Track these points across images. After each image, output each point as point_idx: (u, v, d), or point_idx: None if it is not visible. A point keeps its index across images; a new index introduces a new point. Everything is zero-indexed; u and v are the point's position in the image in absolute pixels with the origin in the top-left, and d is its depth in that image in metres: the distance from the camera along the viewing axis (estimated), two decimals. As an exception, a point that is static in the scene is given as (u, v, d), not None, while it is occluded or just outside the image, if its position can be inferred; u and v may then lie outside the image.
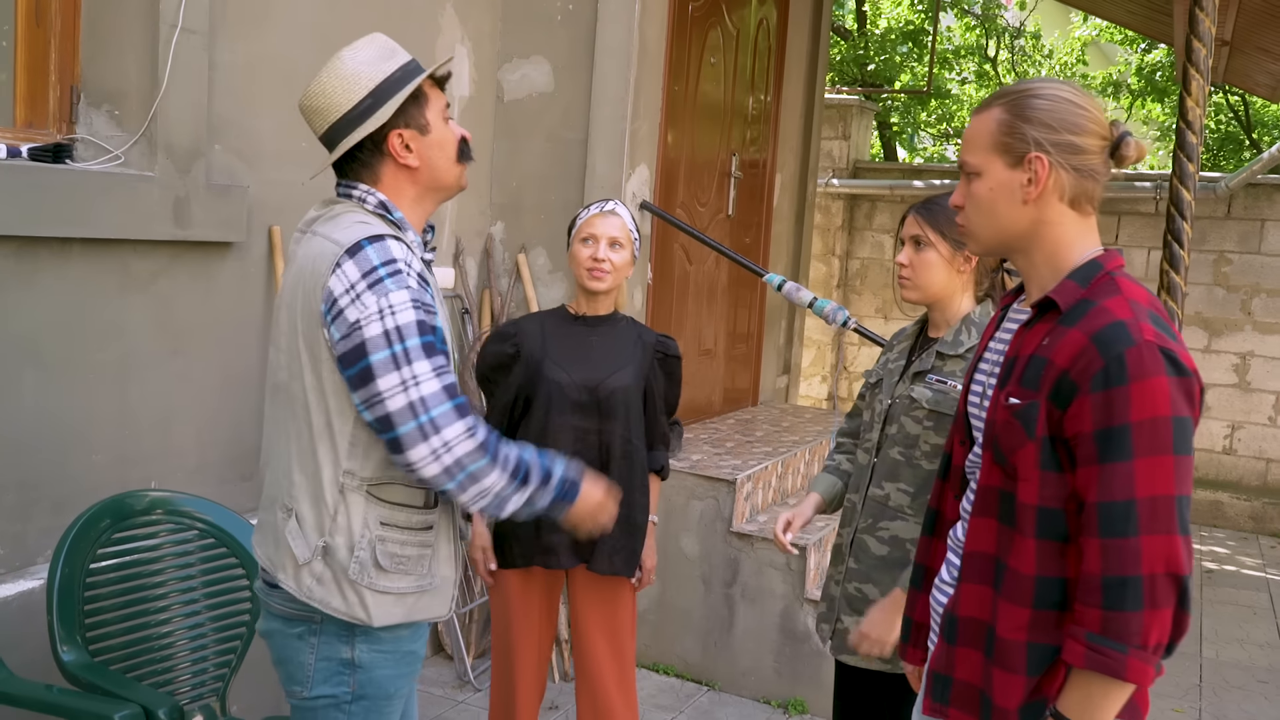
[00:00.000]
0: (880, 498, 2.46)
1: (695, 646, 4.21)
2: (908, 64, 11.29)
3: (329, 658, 1.91)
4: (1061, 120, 1.62)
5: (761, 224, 5.75)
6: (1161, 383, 1.50)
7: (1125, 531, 1.49)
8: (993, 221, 1.68)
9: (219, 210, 3.13)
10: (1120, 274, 1.64)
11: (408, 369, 1.76)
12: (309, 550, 1.86)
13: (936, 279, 2.40)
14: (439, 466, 1.77)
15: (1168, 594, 1.49)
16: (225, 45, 3.15)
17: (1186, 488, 1.52)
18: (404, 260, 1.82)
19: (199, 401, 3.19)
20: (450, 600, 2.02)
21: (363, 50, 1.93)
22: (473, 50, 4.24)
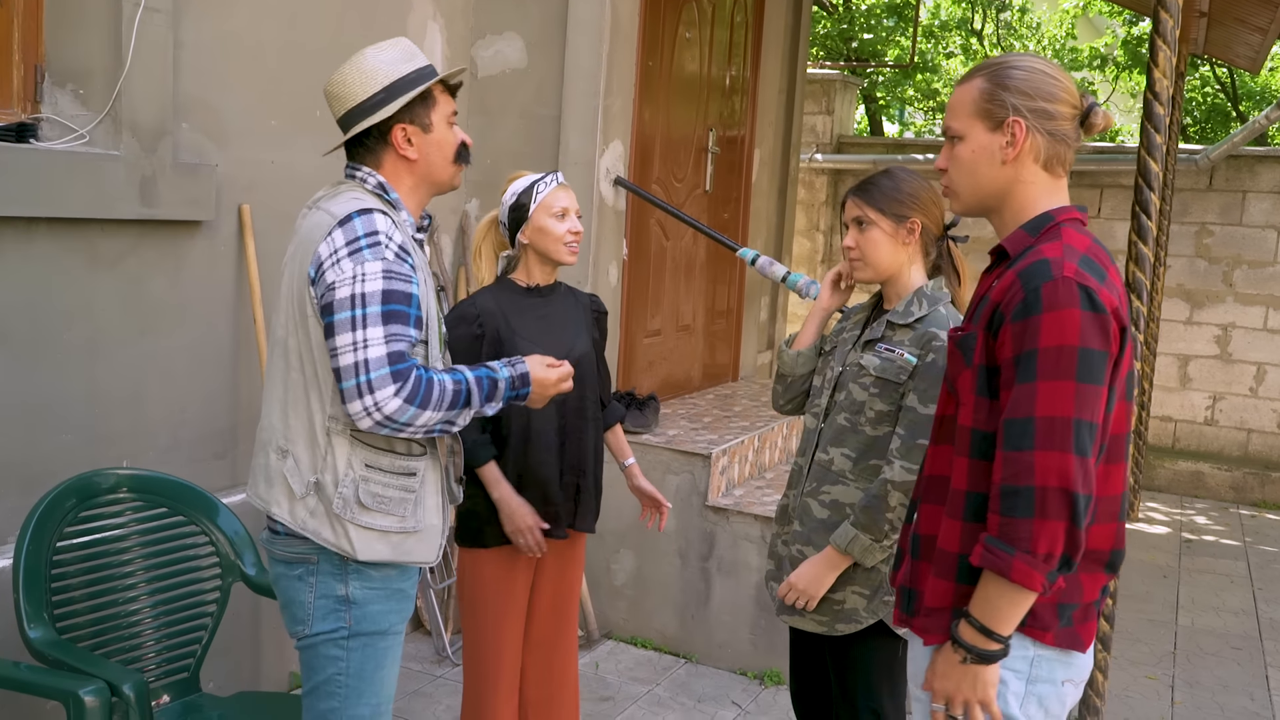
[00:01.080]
0: (825, 462, 2.52)
1: (672, 619, 4.24)
2: (894, 38, 11.26)
3: (326, 595, 2.11)
4: (1037, 89, 1.80)
5: (740, 199, 5.75)
6: (1072, 314, 1.64)
7: (1021, 445, 1.65)
8: (973, 181, 1.85)
9: (187, 189, 3.13)
10: (1069, 225, 1.80)
11: (360, 332, 1.97)
12: (303, 486, 2.07)
13: (884, 255, 2.48)
14: (370, 421, 1.98)
15: (1059, 507, 1.62)
16: (191, 23, 3.14)
17: (1088, 413, 1.64)
18: (385, 233, 2.03)
19: (170, 380, 3.20)
20: (437, 549, 2.21)
21: (386, 51, 2.15)
22: (445, 27, 4.23)
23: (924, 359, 2.39)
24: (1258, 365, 7.63)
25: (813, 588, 2.48)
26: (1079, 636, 1.81)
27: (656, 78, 4.74)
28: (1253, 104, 12.25)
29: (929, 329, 2.41)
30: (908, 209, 2.47)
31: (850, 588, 2.47)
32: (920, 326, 2.43)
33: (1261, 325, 7.58)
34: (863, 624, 2.47)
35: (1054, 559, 1.65)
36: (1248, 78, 12.03)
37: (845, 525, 2.45)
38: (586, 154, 4.18)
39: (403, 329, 2.01)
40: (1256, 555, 6.24)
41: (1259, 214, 7.53)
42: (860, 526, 2.42)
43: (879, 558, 2.44)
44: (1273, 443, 7.64)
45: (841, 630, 2.49)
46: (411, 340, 2.04)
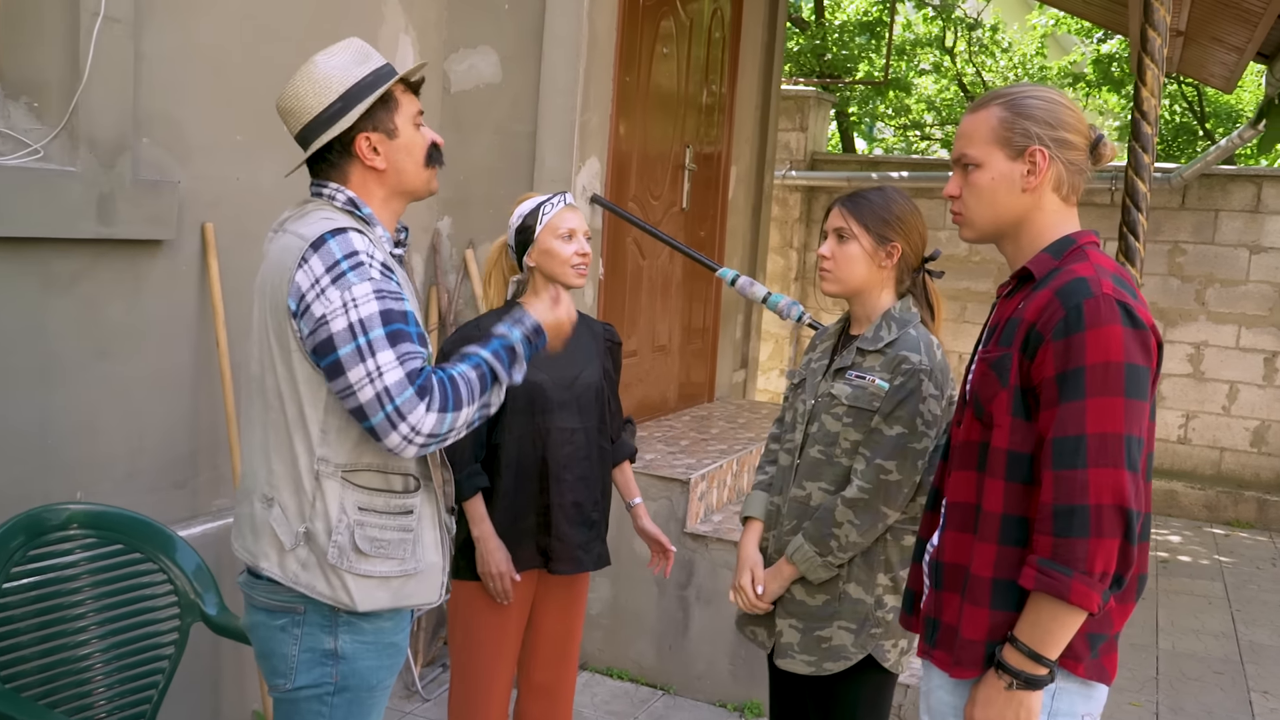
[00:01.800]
0: (802, 498, 2.45)
1: (649, 650, 4.13)
2: (865, 55, 11.25)
3: (312, 648, 1.95)
4: (1058, 118, 1.82)
5: (716, 217, 5.67)
6: (1115, 330, 1.64)
7: (1074, 463, 1.63)
8: (992, 209, 1.85)
9: (147, 207, 3.00)
10: (1090, 247, 1.81)
11: (372, 360, 1.81)
12: (292, 537, 1.92)
13: (857, 272, 2.41)
14: (415, 448, 1.85)
15: (1114, 524, 1.62)
16: (152, 34, 3.01)
17: (1137, 429, 1.65)
18: (366, 251, 1.88)
19: (128, 407, 3.06)
20: (440, 587, 2.07)
21: (337, 55, 2.01)
22: (417, 40, 4.12)
23: (893, 382, 2.33)
24: (1230, 384, 7.64)
25: (766, 597, 2.46)
26: (1105, 668, 1.79)
27: (633, 94, 4.65)
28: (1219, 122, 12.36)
29: (899, 352, 2.35)
30: (892, 231, 2.40)
31: (837, 622, 2.39)
32: (891, 350, 2.36)
33: (1234, 344, 7.59)
34: (852, 660, 2.38)
35: (1108, 578, 1.64)
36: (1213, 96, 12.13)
37: (797, 536, 2.40)
38: (563, 171, 4.08)
39: (411, 347, 1.87)
40: (1232, 575, 6.21)
41: (1231, 233, 7.55)
42: (807, 538, 2.37)
43: (824, 575, 2.37)
44: (1245, 461, 7.65)
45: (830, 669, 2.40)
46: (423, 356, 1.90)
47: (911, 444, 2.32)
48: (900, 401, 2.31)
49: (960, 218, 1.90)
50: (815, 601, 2.41)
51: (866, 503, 2.32)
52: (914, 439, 2.31)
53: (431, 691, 3.88)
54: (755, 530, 2.58)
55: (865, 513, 2.32)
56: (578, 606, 2.86)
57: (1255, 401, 7.59)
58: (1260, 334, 7.52)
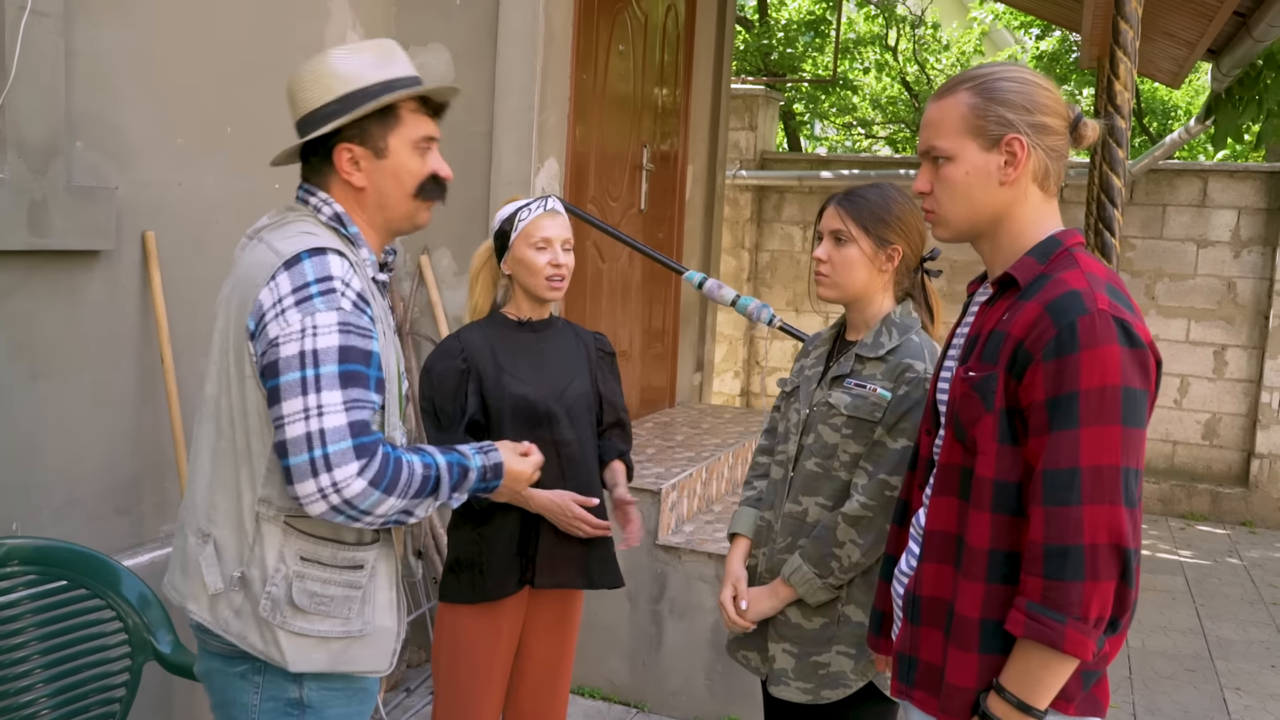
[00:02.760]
0: (798, 514, 2.30)
1: (622, 667, 3.99)
2: (810, 53, 11.22)
3: (275, 697, 1.77)
4: (1034, 101, 1.64)
5: (675, 218, 5.55)
6: (1113, 351, 1.49)
7: (1068, 500, 1.49)
8: (967, 205, 1.68)
9: (82, 215, 2.79)
10: (1079, 250, 1.64)
11: (314, 396, 1.62)
12: (223, 580, 1.73)
13: (857, 278, 2.26)
14: (325, 505, 1.63)
15: (1110, 566, 1.48)
16: (85, 30, 2.81)
17: (1135, 460, 1.51)
18: (342, 278, 1.70)
19: (65, 429, 2.85)
20: (390, 655, 1.86)
21: (357, 54, 1.81)
22: (364, 37, 3.94)
23: (897, 392, 2.19)
24: (1180, 378, 7.69)
25: (750, 611, 2.32)
26: (1098, 700, 1.64)
27: (590, 92, 4.51)
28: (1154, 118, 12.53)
29: (902, 359, 2.21)
30: (893, 233, 2.25)
31: (835, 647, 2.25)
32: (893, 358, 2.22)
33: (1184, 337, 7.64)
34: (852, 688, 2.24)
35: (1104, 623, 1.50)
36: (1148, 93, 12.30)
37: (794, 555, 2.26)
38: (521, 173, 3.93)
39: (364, 394, 1.67)
40: (1193, 570, 6.23)
41: (1179, 227, 7.61)
42: (805, 558, 2.23)
43: (823, 598, 2.23)
44: (1197, 454, 7.70)
45: (828, 697, 2.25)
46: (374, 407, 1.70)
47: None
48: (905, 413, 2.18)
49: (933, 215, 1.72)
50: (812, 625, 2.27)
51: (870, 520, 2.18)
52: None
53: (396, 718, 3.71)
54: (742, 548, 2.45)
55: (868, 531, 2.18)
56: (569, 631, 2.72)
57: (1206, 394, 7.65)
58: (1209, 327, 7.58)
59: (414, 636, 4.05)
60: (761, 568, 2.37)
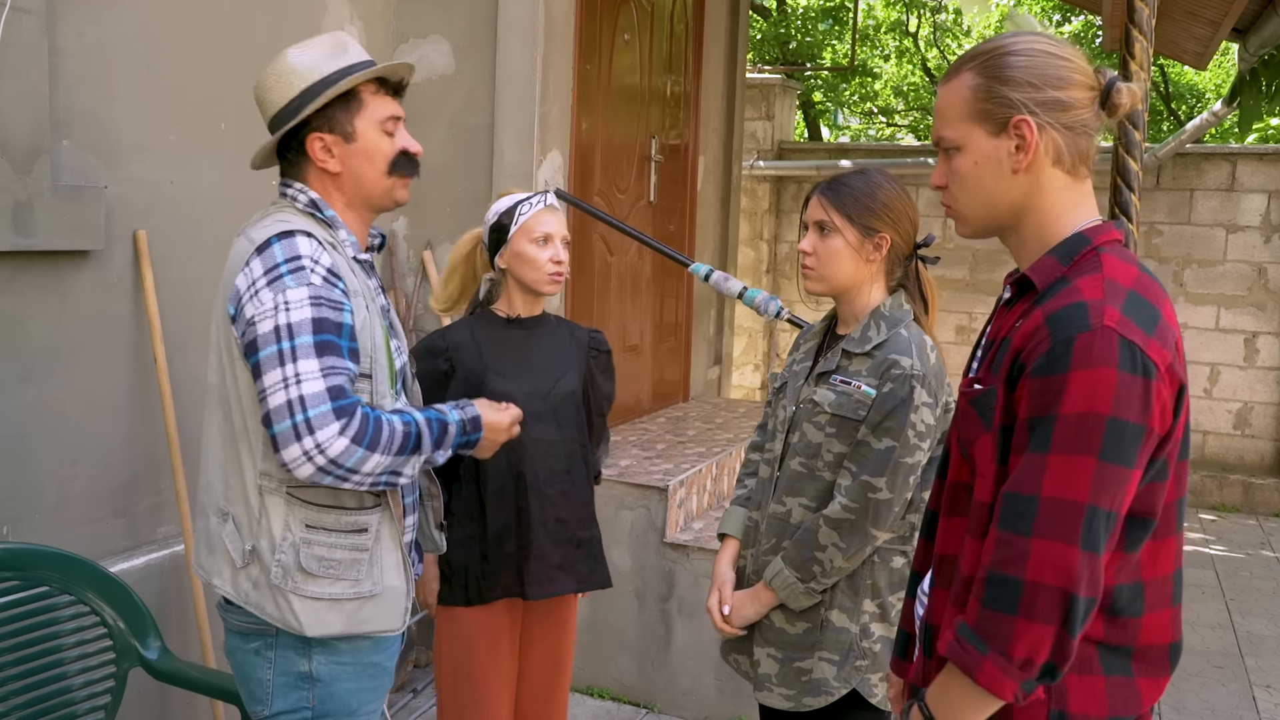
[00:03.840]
0: (782, 514, 2.23)
1: (631, 667, 3.92)
2: (829, 41, 11.09)
3: (286, 672, 1.87)
4: (1043, 75, 1.44)
5: (685, 210, 5.47)
6: (1107, 375, 1.31)
7: (1018, 527, 1.34)
8: (981, 198, 1.50)
9: (70, 215, 2.75)
10: (1109, 249, 1.45)
11: (291, 366, 1.71)
12: (241, 554, 1.84)
13: (843, 269, 2.17)
14: (311, 467, 1.71)
15: (1050, 609, 1.31)
16: (70, 27, 2.76)
17: (1110, 500, 1.32)
18: (310, 256, 1.79)
19: (57, 432, 2.81)
20: (402, 614, 1.94)
21: (311, 49, 1.90)
22: (364, 31, 3.88)
23: (881, 389, 2.10)
24: (1210, 366, 7.53)
25: (734, 616, 2.26)
26: None
27: (595, 83, 4.43)
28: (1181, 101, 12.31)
29: (888, 355, 2.11)
30: (879, 221, 2.16)
31: (818, 653, 2.17)
32: (879, 354, 2.13)
33: (1213, 325, 7.48)
34: (834, 695, 2.16)
35: (1034, 667, 1.34)
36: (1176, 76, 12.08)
37: (776, 559, 2.18)
38: (523, 165, 3.86)
39: (339, 361, 1.76)
40: (1224, 563, 6.08)
41: (1207, 212, 7.44)
42: (787, 561, 2.16)
43: (805, 603, 2.16)
44: (1229, 444, 7.54)
45: (809, 705, 2.18)
46: (351, 374, 1.78)
47: (903, 458, 2.08)
48: (890, 411, 2.08)
49: (951, 211, 1.56)
50: (795, 629, 2.20)
51: (852, 523, 2.10)
52: (905, 453, 2.08)
53: (402, 719, 3.66)
54: (730, 549, 2.38)
55: (851, 534, 2.10)
56: (565, 632, 2.66)
57: (1237, 383, 7.48)
58: (1240, 314, 7.41)
59: (420, 637, 4.00)
60: (749, 569, 2.30)
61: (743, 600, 2.26)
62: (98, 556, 2.85)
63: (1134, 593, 1.40)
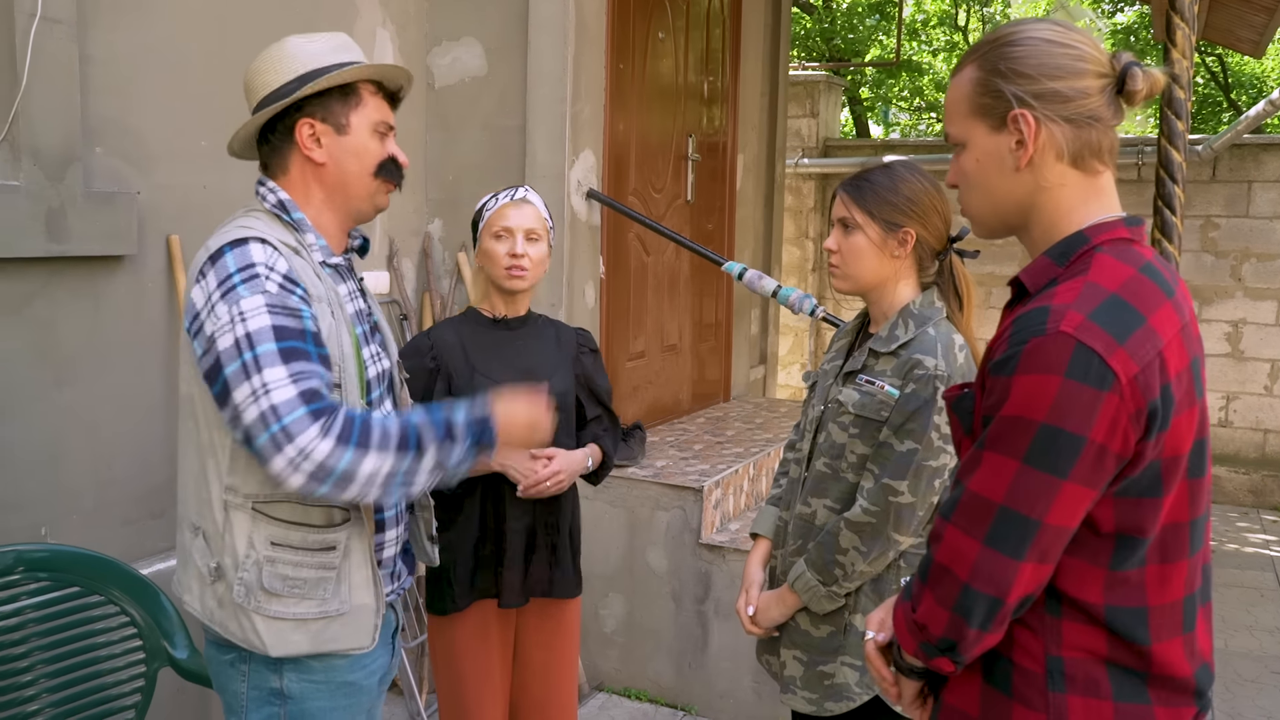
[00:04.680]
0: (807, 516, 2.19)
1: (668, 668, 3.89)
2: (875, 37, 10.97)
3: (259, 686, 1.81)
4: (1042, 66, 1.36)
5: (724, 209, 5.43)
6: (1048, 382, 1.24)
7: (945, 512, 1.36)
8: (988, 197, 1.44)
9: (102, 221, 2.79)
10: (1107, 248, 1.35)
11: (258, 377, 1.63)
12: (209, 570, 1.78)
13: (867, 266, 2.12)
14: (302, 476, 1.61)
15: (946, 592, 1.34)
16: (99, 35, 2.80)
17: (1026, 506, 1.27)
18: (265, 263, 1.71)
19: (92, 435, 2.85)
20: (371, 630, 1.84)
21: (315, 41, 1.87)
22: (397, 34, 3.90)
23: (904, 390, 2.04)
24: (1271, 362, 7.32)
25: (760, 617, 2.24)
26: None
27: (629, 82, 4.41)
28: (1242, 91, 12.00)
29: (913, 355, 2.05)
30: (902, 216, 2.09)
31: (841, 658, 2.13)
32: (904, 353, 2.07)
33: (1273, 320, 7.27)
34: (855, 701, 2.12)
35: (930, 635, 1.37)
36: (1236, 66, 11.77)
37: (799, 561, 2.15)
38: (555, 166, 3.86)
39: (309, 365, 1.66)
40: (1284, 564, 5.91)
41: (1266, 204, 7.24)
42: (810, 564, 2.12)
43: (827, 606, 2.11)
44: (1291, 442, 7.33)
45: (832, 710, 2.14)
46: (324, 379, 1.68)
47: (925, 461, 2.02)
48: (912, 413, 2.03)
49: (965, 210, 1.50)
50: (819, 633, 2.16)
51: (874, 527, 2.05)
52: (928, 455, 2.02)
53: (437, 722, 3.67)
54: (762, 549, 2.35)
55: (872, 539, 2.05)
56: (565, 639, 2.63)
57: (1298, 379, 7.27)
58: (1301, 308, 7.20)
59: (458, 638, 4.01)
60: (779, 570, 2.27)
61: (768, 602, 2.23)
62: (135, 558, 2.89)
63: (1135, 618, 1.33)
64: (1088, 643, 1.32)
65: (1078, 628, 1.34)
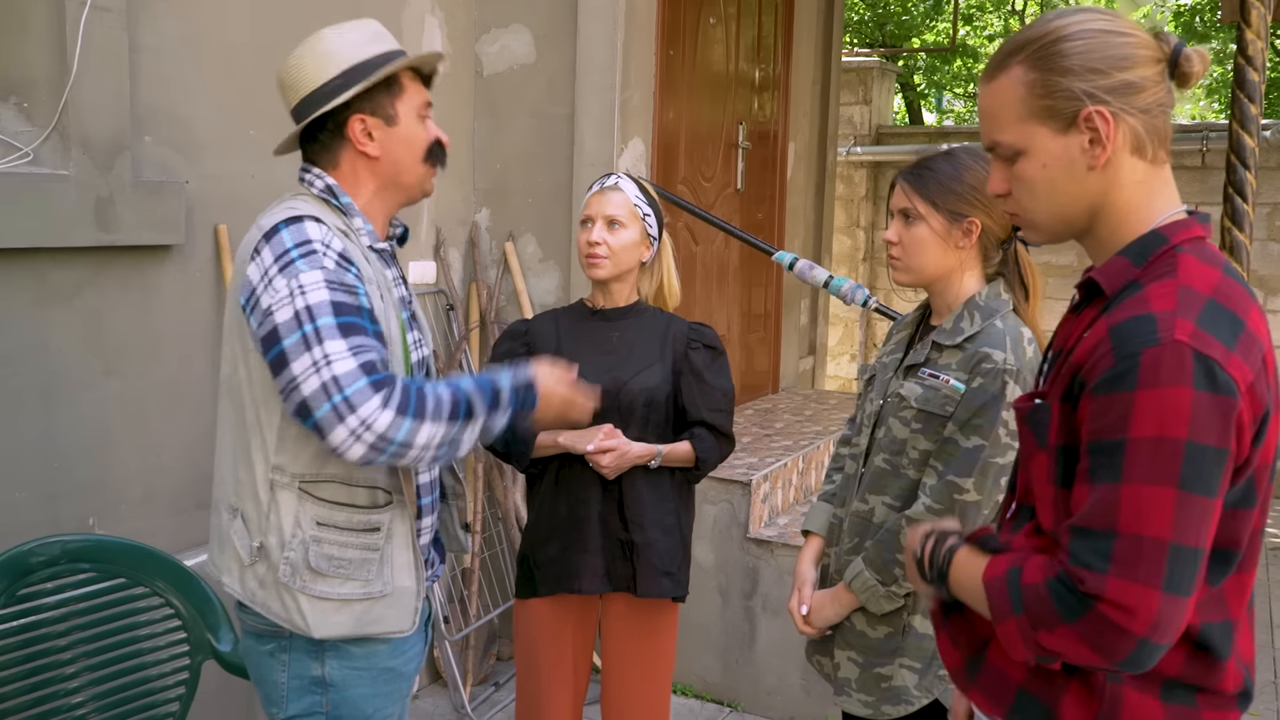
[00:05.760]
0: (864, 513, 2.12)
1: (715, 664, 3.85)
2: (929, 22, 10.79)
3: (300, 675, 1.83)
4: (1106, 58, 1.29)
5: (775, 197, 5.35)
6: (1180, 395, 1.16)
7: (1093, 566, 1.19)
8: (1053, 203, 1.35)
9: (151, 210, 2.78)
10: (1188, 248, 1.29)
11: (319, 349, 1.64)
12: (249, 551, 1.79)
13: (930, 258, 2.05)
14: (363, 446, 1.64)
15: (1114, 644, 1.18)
16: (149, 24, 2.79)
17: (1192, 536, 1.17)
18: (321, 240, 1.74)
19: (141, 424, 2.86)
20: (412, 614, 1.87)
21: (349, 32, 1.89)
22: (445, 21, 3.87)
23: (971, 384, 1.97)
24: (1339, 354, 7.10)
25: (814, 617, 2.17)
26: None
27: (679, 69, 4.35)
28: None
29: (980, 349, 1.98)
30: (967, 205, 2.02)
31: (899, 660, 2.07)
32: (970, 346, 2.00)
33: (1342, 311, 7.05)
34: (914, 705, 2.06)
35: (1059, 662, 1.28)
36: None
37: (857, 559, 2.08)
38: (603, 154, 3.80)
39: (366, 340, 1.69)
40: None
41: (1334, 192, 7.01)
42: (868, 563, 2.05)
43: (886, 607, 2.05)
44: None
45: (889, 713, 2.08)
46: (381, 354, 1.71)
47: (992, 458, 1.95)
48: (980, 408, 1.95)
49: (1018, 219, 1.41)
50: (876, 634, 2.10)
51: None
52: (995, 452, 1.95)
53: (483, 714, 3.65)
54: (814, 546, 2.29)
55: None
56: (656, 640, 2.57)
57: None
58: (1371, 300, 6.97)
59: (503, 629, 3.99)
60: (832, 568, 2.21)
61: (823, 601, 2.17)
62: (183, 548, 2.89)
63: (1224, 631, 1.27)
64: (1163, 660, 1.24)
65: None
